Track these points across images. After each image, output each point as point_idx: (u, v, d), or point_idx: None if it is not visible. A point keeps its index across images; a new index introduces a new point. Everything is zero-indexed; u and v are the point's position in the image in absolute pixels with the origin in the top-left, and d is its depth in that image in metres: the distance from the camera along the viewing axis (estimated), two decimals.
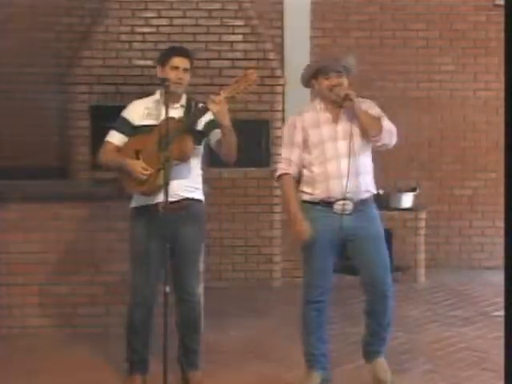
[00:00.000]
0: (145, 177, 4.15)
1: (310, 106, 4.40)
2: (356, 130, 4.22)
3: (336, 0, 7.72)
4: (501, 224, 7.13)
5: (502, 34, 3.32)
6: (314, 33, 7.66)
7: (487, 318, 5.96)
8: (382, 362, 4.42)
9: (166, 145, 4.02)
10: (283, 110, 7.22)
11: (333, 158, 4.21)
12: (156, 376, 4.22)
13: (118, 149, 4.31)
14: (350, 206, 4.21)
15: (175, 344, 4.42)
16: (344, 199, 4.20)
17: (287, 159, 4.32)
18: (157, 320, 4.31)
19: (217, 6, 7.02)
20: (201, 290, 5.53)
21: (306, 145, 4.28)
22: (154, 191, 4.16)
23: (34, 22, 7.41)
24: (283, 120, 7.25)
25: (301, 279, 7.11)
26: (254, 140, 6.96)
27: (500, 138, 5.73)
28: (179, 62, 4.25)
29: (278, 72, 7.07)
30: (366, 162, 4.29)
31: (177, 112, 4.23)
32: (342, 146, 4.21)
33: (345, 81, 4.25)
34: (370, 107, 4.27)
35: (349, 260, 4.41)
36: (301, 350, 4.41)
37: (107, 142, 4.34)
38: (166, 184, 3.97)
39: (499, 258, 7.26)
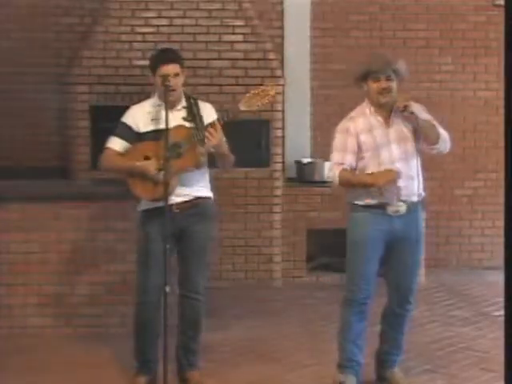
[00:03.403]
0: (160, 176, 4.03)
1: (358, 111, 4.30)
2: (408, 133, 4.22)
3: (336, 0, 7.72)
4: (501, 224, 7.09)
5: (502, 34, 3.32)
6: (314, 33, 7.65)
7: (487, 318, 5.96)
8: (398, 371, 4.46)
9: (177, 153, 4.04)
10: (283, 110, 7.21)
11: (387, 162, 4.17)
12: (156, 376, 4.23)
13: (122, 154, 4.24)
14: (403, 208, 4.19)
15: (174, 343, 4.41)
16: (398, 201, 4.18)
17: (339, 163, 4.21)
18: None
19: (217, 5, 7.01)
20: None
21: (359, 150, 4.21)
22: (165, 197, 4.05)
23: (34, 22, 7.39)
24: (283, 120, 7.26)
25: (301, 279, 7.10)
26: (254, 140, 6.96)
27: (500, 138, 5.71)
28: (167, 69, 4.13)
29: (278, 72, 7.06)
30: (417, 164, 4.26)
31: (180, 114, 4.22)
32: (396, 149, 4.19)
33: (394, 85, 4.17)
34: (422, 112, 4.21)
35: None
36: (302, 349, 4.40)
37: (108, 148, 4.27)
38: (166, 183, 3.97)
39: (499, 258, 7.24)
